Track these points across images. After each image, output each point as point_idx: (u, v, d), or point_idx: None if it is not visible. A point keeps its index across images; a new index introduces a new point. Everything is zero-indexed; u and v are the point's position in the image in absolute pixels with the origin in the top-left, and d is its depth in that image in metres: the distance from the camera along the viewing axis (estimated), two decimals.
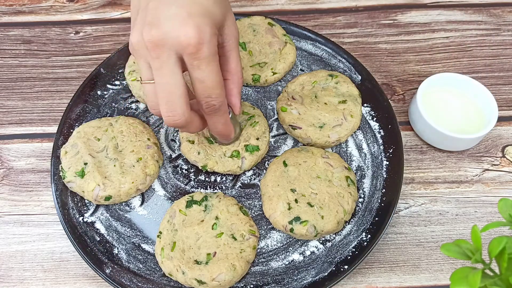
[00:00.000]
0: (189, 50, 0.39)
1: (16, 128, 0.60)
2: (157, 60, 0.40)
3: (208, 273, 0.45)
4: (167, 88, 0.41)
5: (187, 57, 0.40)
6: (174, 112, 0.42)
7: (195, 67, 0.40)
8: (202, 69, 0.41)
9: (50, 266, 0.51)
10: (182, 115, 0.42)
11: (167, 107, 0.41)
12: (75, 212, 0.51)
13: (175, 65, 0.40)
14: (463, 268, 0.32)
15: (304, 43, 0.63)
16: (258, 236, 0.50)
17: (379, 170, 0.54)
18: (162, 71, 0.40)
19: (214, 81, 0.42)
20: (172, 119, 0.42)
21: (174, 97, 0.41)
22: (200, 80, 0.41)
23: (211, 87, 0.42)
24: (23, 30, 0.68)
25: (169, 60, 0.40)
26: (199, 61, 0.40)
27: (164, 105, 0.41)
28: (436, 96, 0.59)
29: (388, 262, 0.51)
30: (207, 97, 0.42)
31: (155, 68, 0.40)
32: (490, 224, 0.32)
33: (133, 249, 0.49)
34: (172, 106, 0.41)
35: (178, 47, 0.39)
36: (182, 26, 0.39)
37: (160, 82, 0.41)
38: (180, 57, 0.40)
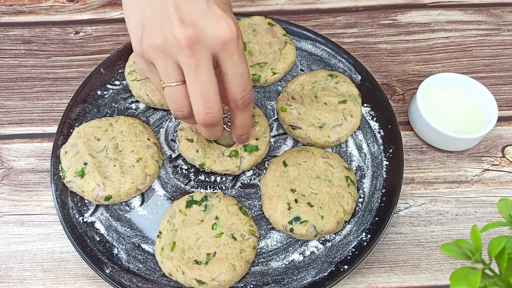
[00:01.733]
0: (230, 45, 0.39)
1: (16, 128, 0.60)
2: (193, 59, 0.39)
3: (208, 273, 0.45)
4: (204, 86, 0.40)
5: (226, 53, 0.39)
6: (212, 109, 0.41)
7: (235, 62, 0.40)
8: (239, 63, 0.40)
9: (50, 266, 0.51)
10: (219, 111, 0.42)
11: (205, 105, 0.41)
12: (75, 212, 0.51)
13: (209, 63, 0.40)
14: (463, 268, 0.32)
15: (304, 43, 0.63)
16: (258, 236, 0.50)
17: (379, 170, 0.54)
18: (198, 69, 0.39)
19: (249, 73, 0.42)
20: (210, 116, 0.42)
21: (211, 94, 0.40)
22: (240, 74, 0.41)
23: (247, 79, 0.42)
24: (23, 30, 0.68)
25: (205, 57, 0.39)
26: (238, 55, 0.40)
27: (201, 103, 0.41)
28: (436, 96, 0.59)
29: (388, 262, 0.51)
30: (243, 91, 0.43)
31: (191, 67, 0.39)
32: (490, 224, 0.32)
33: (133, 249, 0.49)
34: (211, 104, 0.41)
35: (216, 44, 0.39)
36: (219, 21, 0.38)
37: (197, 81, 0.40)
38: (214, 55, 0.40)
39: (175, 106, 0.42)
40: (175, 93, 0.41)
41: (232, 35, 0.39)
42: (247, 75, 0.42)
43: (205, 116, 0.42)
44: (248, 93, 0.43)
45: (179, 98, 0.42)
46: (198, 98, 0.41)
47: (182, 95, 0.41)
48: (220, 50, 0.39)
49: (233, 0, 0.71)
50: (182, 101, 0.42)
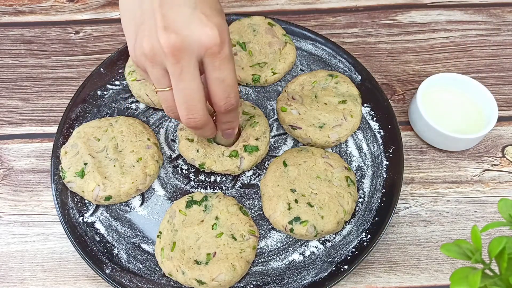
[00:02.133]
0: (212, 51, 0.39)
1: (16, 128, 0.60)
2: (178, 65, 0.39)
3: (208, 273, 0.45)
4: (187, 92, 0.40)
5: (209, 58, 0.40)
6: (195, 114, 0.42)
7: (216, 67, 0.40)
8: (223, 68, 0.40)
9: (50, 266, 0.51)
10: (202, 116, 0.42)
11: (188, 111, 0.41)
12: (75, 212, 0.51)
13: (195, 69, 0.40)
14: (463, 268, 0.32)
15: (304, 43, 0.63)
16: (258, 236, 0.50)
17: (379, 170, 0.54)
18: (182, 76, 0.39)
19: (233, 79, 0.42)
20: (193, 121, 0.42)
21: (194, 100, 0.41)
22: (221, 79, 0.41)
23: (231, 85, 0.42)
24: (23, 30, 0.68)
25: (189, 64, 0.39)
26: (220, 61, 0.40)
27: (184, 109, 0.41)
28: (436, 96, 0.59)
29: (388, 262, 0.51)
30: (227, 97, 0.43)
31: (176, 73, 0.39)
32: (490, 224, 0.32)
33: (133, 249, 0.49)
34: (193, 109, 0.41)
35: (200, 50, 0.39)
36: (202, 27, 0.38)
37: (181, 87, 0.40)
38: (199, 60, 0.40)
39: (168, 108, 0.44)
40: (167, 96, 0.42)
41: (215, 40, 0.38)
42: (230, 81, 0.42)
43: (188, 121, 0.42)
44: (232, 99, 0.43)
45: (171, 102, 0.42)
46: (181, 104, 0.41)
47: (172, 99, 0.42)
48: (204, 56, 0.39)
49: (233, 0, 0.71)
50: (174, 104, 0.42)
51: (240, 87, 0.61)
